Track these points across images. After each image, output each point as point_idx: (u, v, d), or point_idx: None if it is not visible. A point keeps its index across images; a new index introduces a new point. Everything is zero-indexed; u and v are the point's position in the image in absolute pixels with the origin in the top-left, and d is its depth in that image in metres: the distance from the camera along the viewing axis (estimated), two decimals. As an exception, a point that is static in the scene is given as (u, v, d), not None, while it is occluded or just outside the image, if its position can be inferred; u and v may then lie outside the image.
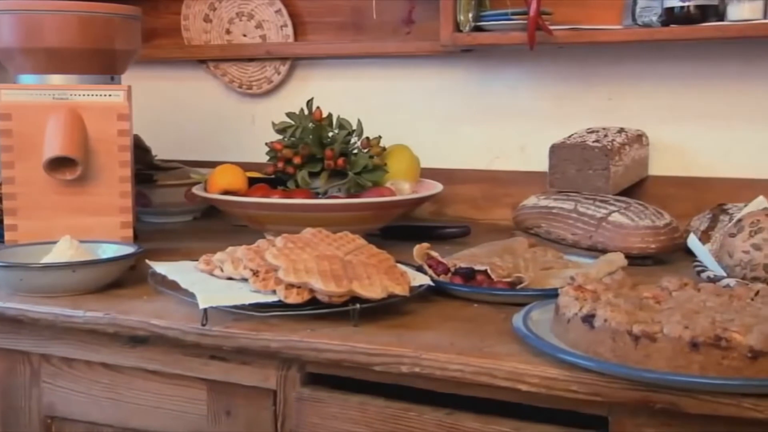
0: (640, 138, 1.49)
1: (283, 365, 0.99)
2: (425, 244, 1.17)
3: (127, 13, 1.35)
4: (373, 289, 0.98)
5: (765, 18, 1.29)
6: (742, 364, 0.77)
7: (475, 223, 1.56)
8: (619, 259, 1.15)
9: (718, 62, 1.48)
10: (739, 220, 1.08)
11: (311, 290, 0.98)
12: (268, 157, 1.47)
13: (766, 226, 1.04)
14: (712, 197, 1.42)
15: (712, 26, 1.31)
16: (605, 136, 1.44)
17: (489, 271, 1.08)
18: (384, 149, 1.48)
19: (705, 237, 1.27)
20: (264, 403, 1.01)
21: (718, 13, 1.33)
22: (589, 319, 0.84)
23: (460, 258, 1.15)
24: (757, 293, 0.92)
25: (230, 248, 1.11)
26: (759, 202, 1.15)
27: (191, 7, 1.83)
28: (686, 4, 1.32)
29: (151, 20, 1.82)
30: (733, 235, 1.07)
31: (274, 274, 1.00)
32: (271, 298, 0.99)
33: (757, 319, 0.82)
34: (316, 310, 0.98)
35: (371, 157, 1.46)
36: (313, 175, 1.44)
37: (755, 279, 1.02)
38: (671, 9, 1.34)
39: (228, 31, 1.82)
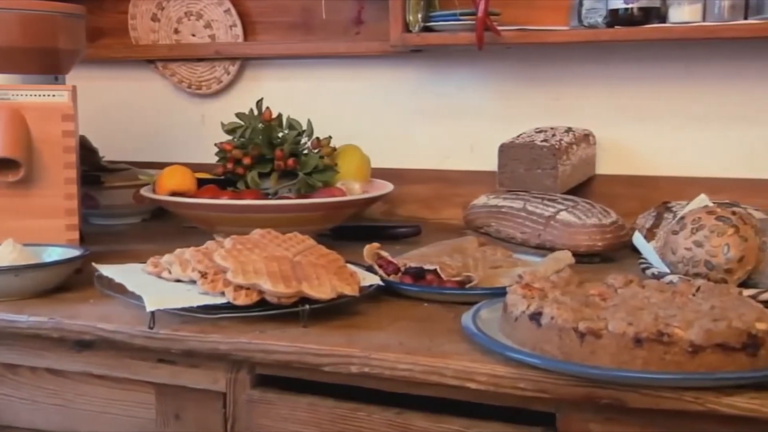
0: (587, 137, 1.51)
1: (233, 367, 0.99)
2: (375, 244, 1.17)
3: (70, 11, 1.33)
4: (322, 290, 0.98)
5: (704, 20, 1.33)
6: (683, 359, 0.78)
7: (426, 223, 1.57)
8: (566, 257, 1.17)
9: (662, 63, 1.51)
10: (682, 218, 1.10)
11: (260, 291, 0.97)
12: (217, 158, 1.46)
13: (707, 223, 1.06)
14: (658, 195, 1.44)
15: (655, 28, 1.34)
16: (553, 135, 1.46)
17: (438, 270, 1.09)
18: (334, 149, 1.48)
19: (650, 235, 1.29)
20: (213, 406, 1.00)
21: (661, 15, 1.36)
22: (536, 317, 0.85)
23: (410, 258, 1.16)
24: (698, 289, 0.94)
25: (178, 250, 1.10)
26: (701, 200, 1.17)
27: (138, 6, 1.81)
28: (630, 6, 1.34)
29: (96, 19, 1.79)
30: (675, 233, 1.09)
31: (222, 276, 1.00)
32: (219, 300, 0.98)
33: (697, 314, 0.84)
34: (265, 311, 0.97)
35: (321, 157, 1.46)
36: (263, 175, 1.43)
37: (697, 275, 1.04)
38: (616, 11, 1.36)
39: (176, 31, 1.80)
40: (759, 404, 0.76)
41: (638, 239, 1.17)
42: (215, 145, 1.45)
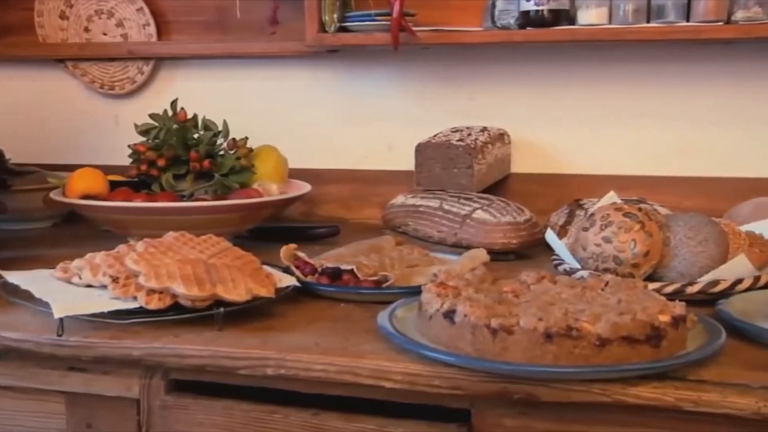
0: (502, 137, 1.54)
1: (146, 373, 0.97)
2: (292, 245, 1.17)
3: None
4: (237, 292, 0.97)
5: (610, 23, 1.37)
6: (591, 352, 0.81)
7: (344, 223, 1.57)
8: (481, 255, 1.19)
9: (572, 64, 1.54)
10: (592, 215, 1.13)
11: (174, 295, 0.96)
12: (131, 160, 1.43)
13: (615, 220, 1.09)
14: (570, 193, 1.48)
15: (564, 30, 1.38)
16: (469, 135, 1.47)
17: (355, 270, 1.09)
18: (251, 150, 1.47)
19: (563, 231, 1.32)
20: (127, 414, 0.98)
21: (570, 17, 1.39)
22: (449, 314, 0.86)
23: (327, 258, 1.16)
24: (606, 284, 0.96)
25: (89, 255, 1.07)
26: (610, 197, 1.20)
27: (45, 3, 1.76)
28: (540, 8, 1.37)
29: (1, 15, 1.73)
30: (586, 229, 1.12)
31: (134, 280, 0.98)
32: (132, 305, 0.96)
33: (605, 308, 0.86)
34: (179, 315, 0.96)
35: (238, 158, 1.44)
36: (178, 177, 1.41)
37: (606, 270, 1.07)
38: (527, 12, 1.39)
39: (86, 29, 1.75)
40: (661, 393, 0.79)
41: (550, 236, 1.19)
42: (129, 146, 1.43)
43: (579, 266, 1.12)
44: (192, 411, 0.95)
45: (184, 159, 1.41)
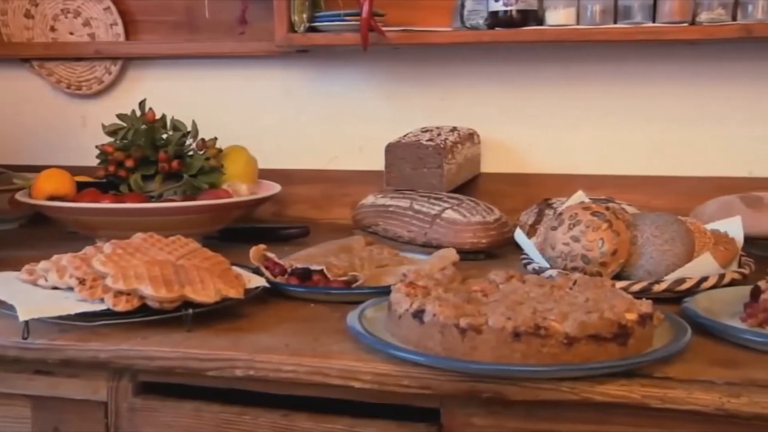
0: (471, 136, 1.54)
1: (114, 376, 0.96)
2: (262, 246, 1.17)
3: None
4: (206, 293, 0.96)
5: (578, 24, 1.38)
6: (559, 351, 0.81)
7: (315, 223, 1.57)
8: (451, 255, 1.19)
9: (541, 64, 1.55)
10: (560, 214, 1.14)
11: (142, 297, 0.95)
12: (99, 161, 1.42)
13: (584, 219, 1.10)
14: (539, 192, 1.49)
15: (532, 30, 1.39)
16: (438, 135, 1.48)
17: (325, 270, 1.09)
18: (220, 151, 1.46)
19: (532, 231, 1.33)
20: (95, 417, 0.97)
21: (538, 18, 1.40)
22: (419, 314, 0.86)
23: (297, 258, 1.15)
24: (575, 283, 0.97)
25: (55, 256, 1.06)
26: (578, 197, 1.21)
27: (10, 2, 1.74)
28: (509, 8, 1.38)
29: (-36, 14, 1.71)
30: (554, 229, 1.13)
31: (102, 282, 0.97)
32: (99, 307, 0.95)
33: (573, 307, 0.87)
34: (147, 317, 0.95)
35: (207, 158, 1.43)
36: (147, 178, 1.40)
37: (575, 269, 1.08)
38: (496, 13, 1.40)
39: (53, 29, 1.73)
40: (628, 390, 0.79)
41: (519, 236, 1.20)
42: (96, 147, 1.41)
43: (548, 265, 1.13)
44: (160, 413, 0.95)
45: (153, 160, 1.40)
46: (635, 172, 1.53)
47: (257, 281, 1.08)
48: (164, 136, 1.43)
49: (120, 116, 1.43)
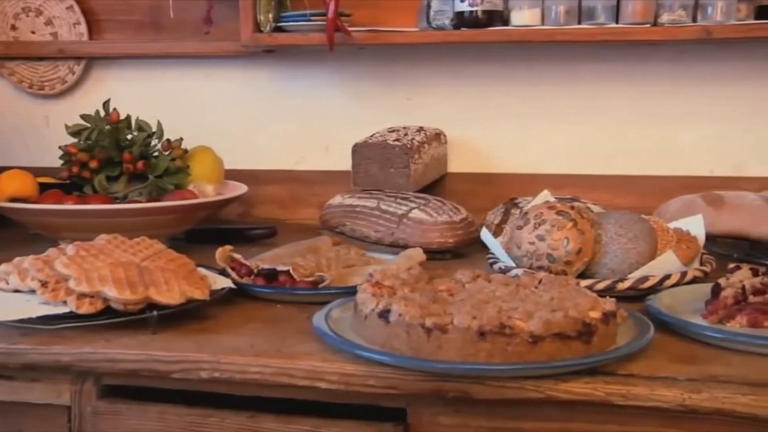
0: (438, 136, 1.55)
1: (78, 379, 0.95)
2: (228, 247, 1.16)
3: None
4: (170, 295, 0.96)
5: (543, 24, 1.39)
6: (524, 349, 0.82)
7: (282, 224, 1.56)
8: (417, 255, 1.19)
9: (507, 64, 1.56)
10: (525, 214, 1.15)
11: (105, 299, 0.94)
12: (62, 162, 1.40)
13: (549, 218, 1.11)
14: (506, 192, 1.49)
15: (498, 30, 1.40)
16: (405, 135, 1.48)
17: (291, 271, 1.09)
18: (186, 151, 1.45)
19: (498, 230, 1.33)
20: (58, 421, 0.96)
21: (503, 18, 1.41)
22: (384, 314, 0.86)
23: (264, 259, 1.15)
24: (540, 281, 0.98)
25: (17, 259, 1.04)
26: (543, 196, 1.22)
27: (-30, 1, 1.71)
28: (474, 9, 1.39)
29: None
30: (520, 228, 1.13)
31: (64, 285, 0.96)
32: (61, 310, 0.94)
33: (537, 306, 0.87)
34: (111, 319, 0.94)
35: (173, 159, 1.42)
36: (112, 179, 1.39)
37: (540, 268, 1.09)
38: (461, 13, 1.40)
39: (13, 27, 1.71)
40: (591, 388, 0.80)
41: (485, 235, 1.21)
42: (60, 148, 1.40)
43: (514, 264, 1.13)
44: (125, 416, 0.94)
45: (117, 160, 1.39)
46: (600, 172, 1.55)
47: (223, 282, 1.07)
48: (129, 136, 1.42)
49: (84, 116, 1.41)
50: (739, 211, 1.22)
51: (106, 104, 1.42)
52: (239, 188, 1.46)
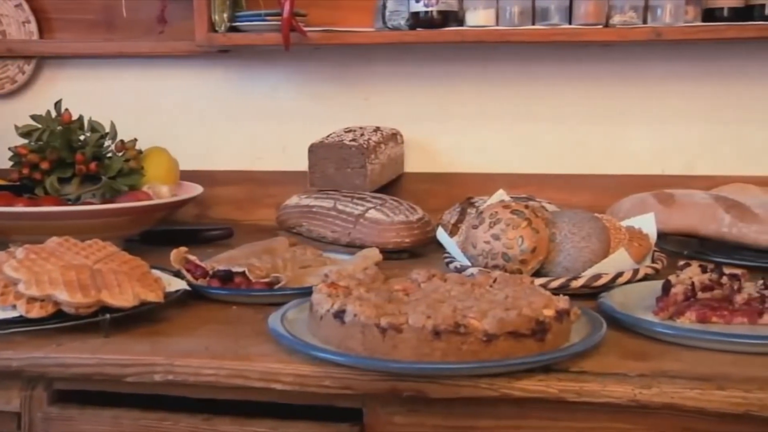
0: (395, 136, 1.55)
1: (28, 384, 0.93)
2: (183, 248, 1.15)
3: None
4: (123, 298, 0.95)
5: (497, 25, 1.40)
6: (478, 348, 0.82)
7: (238, 225, 1.55)
8: (374, 255, 1.19)
9: (462, 64, 1.57)
10: (481, 213, 1.16)
11: (56, 302, 0.93)
12: (12, 163, 1.38)
13: (503, 217, 1.12)
14: (462, 191, 1.50)
15: (453, 31, 1.40)
16: (362, 135, 1.48)
17: (247, 272, 1.08)
18: (140, 152, 1.44)
19: (455, 229, 1.34)
20: (7, 428, 0.94)
21: (458, 19, 1.42)
22: (340, 314, 0.86)
23: (219, 260, 1.14)
24: (495, 280, 0.99)
25: (-35, 263, 1.02)
26: (499, 195, 1.23)
27: None
28: (430, 9, 1.39)
29: None
30: (475, 227, 1.14)
31: (14, 288, 0.94)
32: (11, 314, 0.93)
33: (492, 304, 0.88)
34: (62, 323, 0.93)
35: (127, 160, 1.41)
36: (64, 180, 1.37)
37: (495, 267, 1.10)
38: (417, 13, 1.41)
39: (-40, 26, 1.67)
40: (545, 385, 0.81)
41: (441, 235, 1.21)
42: (9, 149, 1.38)
43: (469, 264, 1.14)
44: (77, 422, 0.92)
45: (70, 162, 1.37)
46: (555, 171, 1.56)
47: (178, 284, 1.06)
48: (81, 137, 1.40)
49: (34, 117, 1.39)
50: (689, 210, 1.24)
51: (57, 104, 1.40)
52: (195, 189, 1.45)
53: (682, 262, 1.05)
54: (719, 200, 1.24)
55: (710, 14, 1.38)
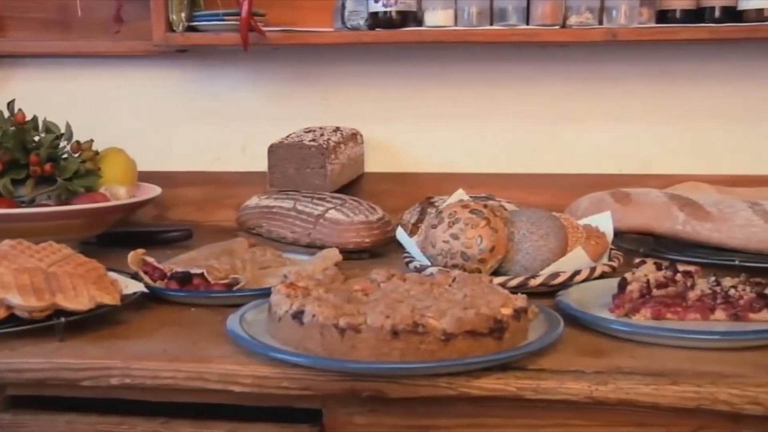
0: (354, 136, 1.55)
1: (-20, 391, 0.92)
2: (140, 250, 1.14)
3: None
4: (79, 301, 0.93)
5: (456, 25, 1.41)
6: (437, 347, 0.83)
7: (198, 226, 1.54)
8: (333, 255, 1.19)
9: (420, 64, 1.58)
10: (440, 212, 1.16)
11: (9, 306, 0.91)
12: (-37, 165, 1.35)
13: (462, 216, 1.12)
14: (422, 191, 1.50)
15: (411, 31, 1.41)
16: (321, 135, 1.48)
17: (205, 273, 1.07)
18: (97, 153, 1.42)
19: (414, 229, 1.34)
20: (-41, 435, 0.93)
21: (417, 19, 1.42)
22: (298, 315, 0.86)
23: (178, 262, 1.13)
24: (454, 280, 0.99)
25: None
26: (458, 195, 1.24)
27: None
28: (388, 9, 1.40)
29: None
30: (434, 227, 1.15)
31: (-35, 293, 0.92)
32: (-38, 319, 0.91)
33: (451, 303, 0.88)
34: (16, 327, 0.92)
35: (83, 161, 1.39)
36: (17, 182, 1.35)
37: (455, 266, 1.10)
38: (376, 14, 1.41)
39: None
40: (503, 383, 0.82)
41: (401, 234, 1.22)
42: (-39, 150, 1.35)
43: (429, 263, 1.14)
44: (32, 428, 0.91)
45: (24, 163, 1.35)
46: (514, 170, 1.57)
47: (135, 287, 1.05)
48: (36, 138, 1.37)
49: (-14, 117, 1.37)
50: (645, 208, 1.26)
51: (10, 104, 1.38)
52: (153, 190, 1.44)
53: (637, 260, 1.07)
54: (674, 199, 1.26)
55: (663, 15, 1.40)
